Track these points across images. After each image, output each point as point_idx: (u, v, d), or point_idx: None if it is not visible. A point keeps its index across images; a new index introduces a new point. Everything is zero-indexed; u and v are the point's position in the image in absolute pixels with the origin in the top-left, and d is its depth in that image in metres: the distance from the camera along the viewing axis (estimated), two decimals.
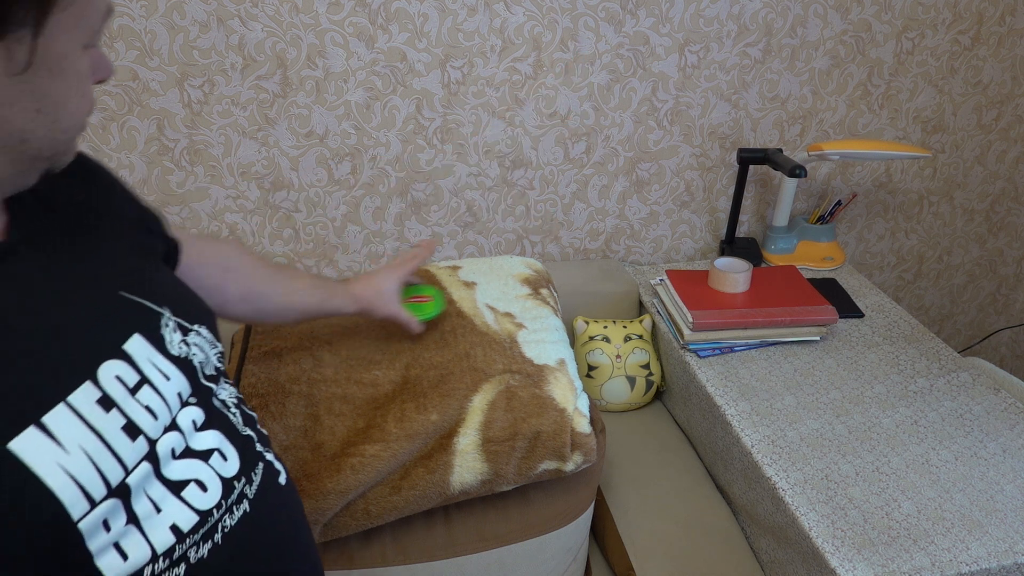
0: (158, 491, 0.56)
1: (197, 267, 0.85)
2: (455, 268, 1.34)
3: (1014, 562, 0.99)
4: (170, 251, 0.77)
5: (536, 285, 1.31)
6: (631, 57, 1.49)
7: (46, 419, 0.49)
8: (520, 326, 1.19)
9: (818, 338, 1.41)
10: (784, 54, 1.56)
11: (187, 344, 0.63)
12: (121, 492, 0.53)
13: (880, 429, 1.21)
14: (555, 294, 1.35)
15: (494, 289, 1.28)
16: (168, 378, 0.59)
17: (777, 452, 1.16)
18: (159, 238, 0.75)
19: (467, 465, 1.01)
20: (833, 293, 1.57)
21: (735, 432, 1.21)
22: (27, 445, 0.47)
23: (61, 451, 0.49)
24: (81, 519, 0.50)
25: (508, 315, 1.21)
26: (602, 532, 1.28)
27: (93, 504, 0.50)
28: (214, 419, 0.64)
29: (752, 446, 1.18)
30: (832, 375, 1.33)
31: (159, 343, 0.59)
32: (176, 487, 0.57)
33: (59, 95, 0.51)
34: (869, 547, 1.01)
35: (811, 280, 1.60)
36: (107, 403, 0.53)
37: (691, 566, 1.16)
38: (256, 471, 0.66)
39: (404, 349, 1.14)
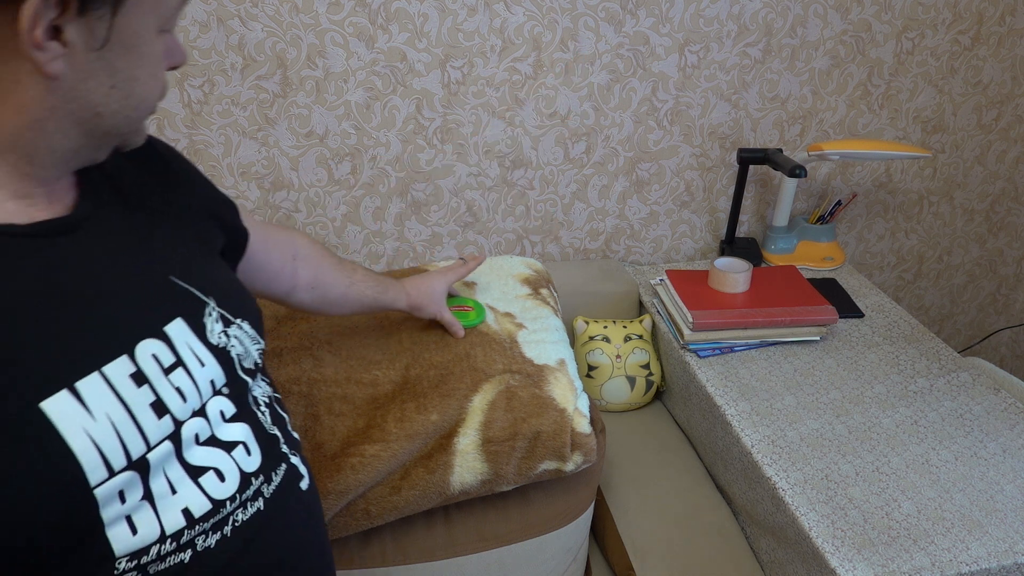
0: (176, 472, 0.57)
1: (265, 252, 0.87)
2: None
3: (1014, 562, 0.99)
4: (237, 241, 0.79)
5: (536, 285, 1.31)
6: (631, 57, 1.49)
7: (79, 384, 0.51)
8: (520, 326, 1.19)
9: (818, 338, 1.41)
10: (784, 54, 1.56)
11: (227, 335, 0.64)
12: (140, 466, 0.54)
13: (880, 429, 1.21)
14: (555, 294, 1.35)
15: (494, 289, 1.28)
16: (203, 364, 0.60)
17: (777, 452, 1.16)
18: (227, 228, 0.76)
19: (467, 465, 1.01)
20: (833, 293, 1.57)
21: (735, 432, 1.21)
22: (57, 407, 0.49)
23: (88, 417, 0.51)
24: (98, 486, 0.51)
25: (508, 315, 1.21)
26: (602, 532, 1.28)
27: (112, 473, 0.52)
28: (244, 413, 0.65)
29: (752, 446, 1.18)
30: (832, 375, 1.33)
31: (200, 330, 0.61)
32: (195, 472, 0.58)
33: (133, 73, 0.54)
34: (869, 547, 1.01)
35: (811, 280, 1.60)
36: (140, 378, 0.55)
37: (691, 566, 1.16)
38: (277, 471, 0.66)
39: (404, 349, 1.14)
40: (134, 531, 0.54)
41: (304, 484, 0.70)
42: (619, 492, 1.29)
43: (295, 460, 0.70)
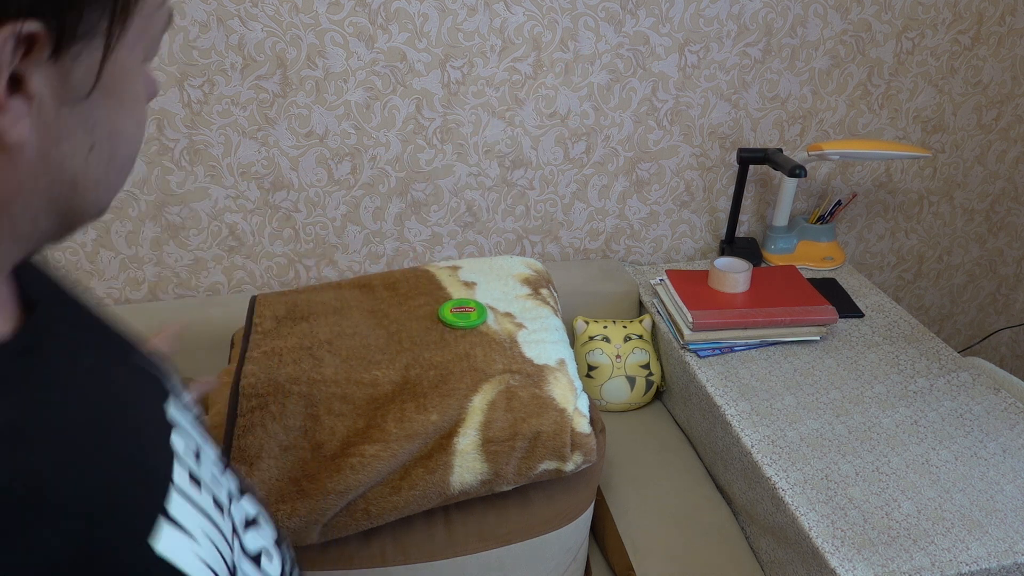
0: (247, 566, 0.50)
1: None
2: (455, 268, 1.34)
3: (1014, 562, 0.99)
4: None
5: (536, 285, 1.31)
6: (631, 57, 1.49)
7: (169, 507, 0.42)
8: (520, 326, 1.19)
9: (818, 338, 1.41)
10: (784, 54, 1.56)
11: (189, 407, 0.56)
12: (233, 574, 0.47)
13: (880, 429, 1.21)
14: (555, 294, 1.35)
15: (494, 289, 1.28)
16: (204, 441, 0.53)
17: (777, 452, 1.16)
18: None
19: (467, 465, 1.01)
20: (833, 293, 1.57)
21: (735, 432, 1.21)
22: (168, 543, 0.41)
23: (193, 542, 0.43)
24: None
25: (508, 315, 1.21)
26: (602, 532, 1.28)
27: None
28: (241, 482, 0.58)
29: (752, 446, 1.18)
30: (832, 375, 1.33)
31: (179, 406, 0.52)
32: (255, 560, 0.51)
33: (115, 124, 0.41)
34: (869, 547, 1.01)
35: (811, 280, 1.60)
36: (195, 479, 0.46)
37: (691, 566, 1.16)
38: (285, 542, 0.60)
39: (404, 349, 1.14)
40: None
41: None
42: (619, 492, 1.29)
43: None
